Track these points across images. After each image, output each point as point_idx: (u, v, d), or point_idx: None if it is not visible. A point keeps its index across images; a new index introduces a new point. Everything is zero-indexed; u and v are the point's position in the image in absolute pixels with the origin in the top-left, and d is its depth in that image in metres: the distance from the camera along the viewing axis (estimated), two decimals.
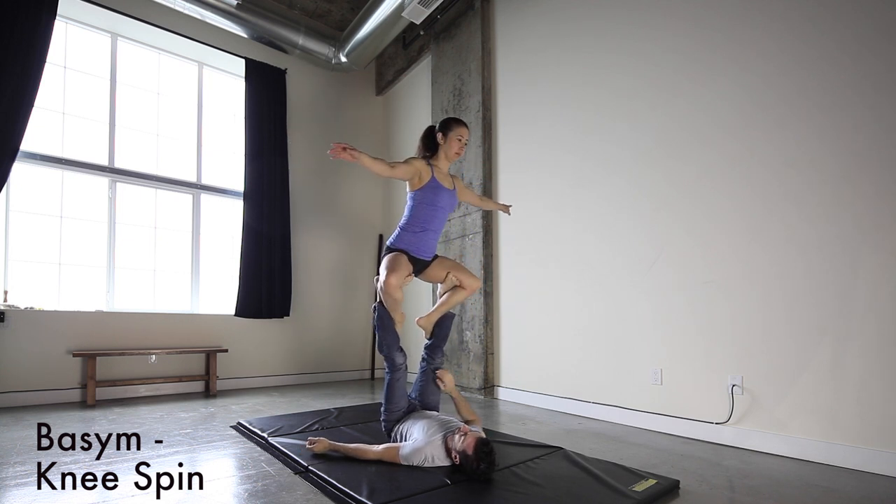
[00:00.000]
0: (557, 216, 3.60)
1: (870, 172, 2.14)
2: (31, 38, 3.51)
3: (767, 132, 2.47)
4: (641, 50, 3.09)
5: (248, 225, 4.58)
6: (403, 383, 2.32)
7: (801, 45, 2.37)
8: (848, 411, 2.16)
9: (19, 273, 3.74)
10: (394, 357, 2.30)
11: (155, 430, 2.76)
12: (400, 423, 2.26)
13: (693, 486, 1.91)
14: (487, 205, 2.83)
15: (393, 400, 2.27)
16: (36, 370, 3.57)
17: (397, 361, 2.30)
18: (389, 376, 2.30)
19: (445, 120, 2.49)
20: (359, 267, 5.50)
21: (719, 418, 2.58)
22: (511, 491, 1.77)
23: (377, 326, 2.35)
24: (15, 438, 2.54)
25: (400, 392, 2.29)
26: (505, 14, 4.18)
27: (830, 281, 2.23)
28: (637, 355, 3.01)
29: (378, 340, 2.35)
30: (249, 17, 4.41)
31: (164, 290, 4.39)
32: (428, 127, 2.58)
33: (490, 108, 4.24)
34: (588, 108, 3.43)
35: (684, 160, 2.83)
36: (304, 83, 5.20)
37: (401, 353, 2.34)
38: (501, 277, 4.06)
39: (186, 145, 4.61)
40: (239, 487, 1.85)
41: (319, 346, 5.10)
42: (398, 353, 2.32)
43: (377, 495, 1.68)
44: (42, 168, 3.84)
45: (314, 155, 5.22)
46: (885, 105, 2.11)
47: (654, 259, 2.95)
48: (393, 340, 2.33)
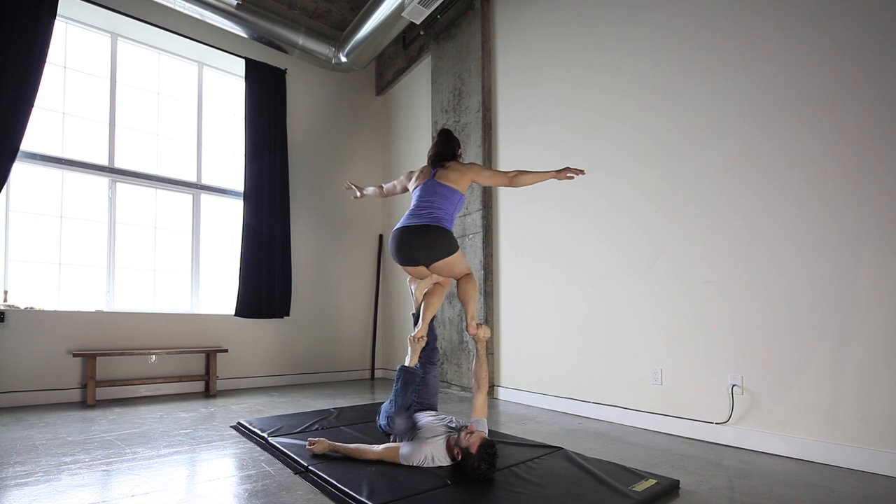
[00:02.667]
0: (557, 216, 3.60)
1: (870, 171, 2.14)
2: (31, 38, 3.51)
3: (768, 132, 2.47)
4: (641, 50, 3.09)
5: (248, 225, 4.58)
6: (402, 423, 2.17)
7: (801, 45, 2.37)
8: (848, 411, 2.16)
9: (19, 273, 3.74)
10: (395, 421, 2.11)
11: (155, 430, 2.76)
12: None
13: (693, 486, 1.91)
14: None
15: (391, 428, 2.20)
16: (36, 370, 3.57)
17: (396, 426, 2.11)
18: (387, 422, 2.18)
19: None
20: (359, 267, 5.50)
21: (719, 418, 2.58)
22: (511, 491, 1.77)
23: (398, 387, 2.18)
24: (15, 438, 2.54)
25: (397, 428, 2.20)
26: (505, 14, 4.18)
27: (831, 280, 2.23)
28: (637, 355, 3.01)
29: (393, 401, 2.16)
30: (249, 17, 4.41)
31: (164, 290, 4.39)
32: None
33: (490, 108, 4.24)
34: (588, 107, 3.43)
35: (684, 160, 2.83)
36: (304, 83, 5.20)
37: (404, 420, 2.11)
38: (501, 277, 4.06)
39: (186, 145, 4.61)
40: (239, 487, 1.85)
41: (319, 346, 5.10)
42: (403, 418, 2.11)
43: (377, 495, 1.68)
44: (42, 168, 3.84)
45: (314, 155, 5.22)
46: (886, 104, 2.11)
47: (655, 259, 2.95)
48: (405, 402, 2.14)
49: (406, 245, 2.29)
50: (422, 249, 2.27)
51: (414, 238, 2.27)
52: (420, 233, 2.27)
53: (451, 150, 2.52)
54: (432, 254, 2.27)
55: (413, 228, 2.28)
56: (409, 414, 2.16)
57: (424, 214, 2.31)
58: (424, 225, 2.27)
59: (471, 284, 2.41)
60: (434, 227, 2.27)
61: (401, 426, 2.11)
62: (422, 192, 2.40)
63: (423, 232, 2.26)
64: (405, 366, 2.25)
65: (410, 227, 2.29)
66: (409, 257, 2.31)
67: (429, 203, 2.34)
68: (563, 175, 2.44)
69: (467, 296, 2.40)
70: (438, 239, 2.26)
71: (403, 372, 2.22)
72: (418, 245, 2.27)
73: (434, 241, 2.26)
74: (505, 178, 2.43)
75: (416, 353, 2.30)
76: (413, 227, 2.29)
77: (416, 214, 2.33)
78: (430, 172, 2.47)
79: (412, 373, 2.23)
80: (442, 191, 2.36)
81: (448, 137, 2.55)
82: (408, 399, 2.16)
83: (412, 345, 2.31)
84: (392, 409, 2.14)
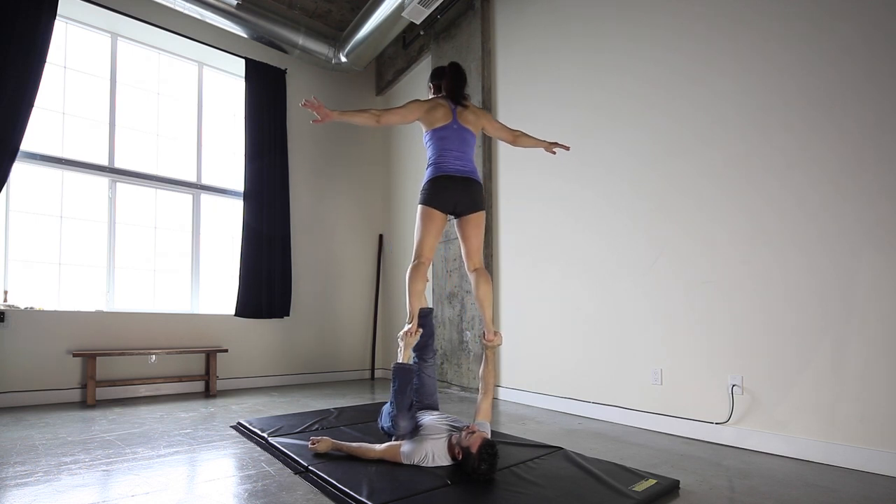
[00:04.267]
0: (557, 216, 3.60)
1: (871, 171, 2.14)
2: (31, 38, 3.51)
3: (768, 131, 2.47)
4: (641, 49, 3.09)
5: (248, 225, 4.58)
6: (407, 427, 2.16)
7: (801, 45, 2.37)
8: (848, 411, 2.16)
9: (19, 273, 3.74)
10: (398, 423, 2.10)
11: (155, 430, 2.76)
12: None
13: (693, 486, 1.91)
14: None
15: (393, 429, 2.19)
16: (36, 370, 3.57)
17: (400, 425, 2.09)
18: (390, 424, 2.18)
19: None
20: (359, 267, 5.50)
21: (719, 418, 2.58)
22: (511, 491, 1.77)
23: (395, 388, 2.15)
24: (15, 438, 2.54)
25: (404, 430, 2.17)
26: (505, 14, 4.18)
27: (831, 280, 2.23)
28: (637, 355, 3.01)
29: (394, 402, 2.15)
30: (249, 17, 4.41)
31: (164, 290, 4.39)
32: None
33: (490, 108, 4.24)
34: (588, 107, 3.43)
35: (684, 159, 2.83)
36: (304, 83, 5.20)
37: (407, 420, 2.10)
38: (501, 277, 4.06)
39: (186, 145, 4.61)
40: (239, 487, 1.85)
41: (319, 346, 5.10)
42: (405, 419, 2.10)
43: (377, 495, 1.68)
44: (42, 168, 3.84)
45: (314, 155, 5.22)
46: (886, 104, 2.11)
47: (654, 258, 2.95)
48: (404, 402, 2.11)
49: (451, 189, 2.36)
50: (465, 197, 2.38)
51: (458, 186, 2.37)
52: (464, 184, 2.38)
53: (464, 86, 2.51)
54: (474, 204, 2.41)
55: (458, 179, 2.37)
56: (412, 414, 2.14)
57: (463, 166, 2.40)
58: (468, 178, 2.40)
59: (489, 284, 2.42)
60: (476, 182, 2.42)
61: (405, 428, 2.09)
62: (453, 140, 2.40)
63: (466, 184, 2.39)
64: (398, 363, 2.19)
65: (456, 178, 2.37)
66: (450, 202, 2.38)
67: (463, 154, 2.42)
68: (551, 147, 2.70)
69: (487, 298, 2.40)
70: (480, 193, 2.43)
71: (398, 370, 2.16)
72: (463, 193, 2.37)
73: (476, 193, 2.41)
74: (510, 135, 2.63)
75: (408, 347, 2.24)
76: (459, 177, 2.37)
77: (459, 162, 2.39)
78: (452, 112, 2.42)
79: (407, 369, 2.18)
80: (469, 138, 2.44)
81: (461, 72, 2.50)
82: (408, 398, 2.13)
83: (403, 340, 2.24)
84: (394, 412, 2.12)
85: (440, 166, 2.37)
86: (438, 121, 2.40)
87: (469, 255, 2.47)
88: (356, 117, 2.28)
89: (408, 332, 2.26)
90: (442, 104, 2.43)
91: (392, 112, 2.34)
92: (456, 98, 2.45)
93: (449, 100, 2.46)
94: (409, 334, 2.25)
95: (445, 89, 2.47)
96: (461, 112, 2.43)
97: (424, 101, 2.44)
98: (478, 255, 2.46)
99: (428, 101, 2.46)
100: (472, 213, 2.41)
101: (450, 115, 2.41)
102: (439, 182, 2.35)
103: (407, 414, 2.11)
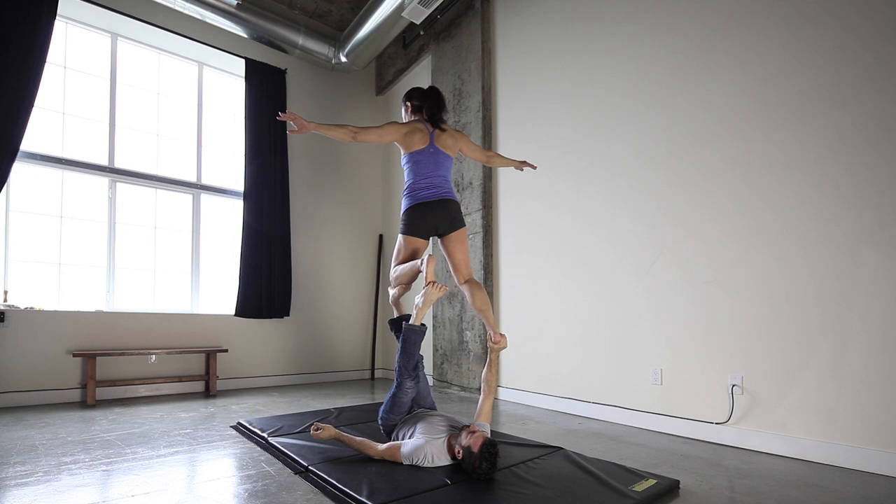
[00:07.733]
0: (558, 216, 3.60)
1: (871, 171, 2.14)
2: (31, 38, 3.51)
3: (768, 131, 2.47)
4: (642, 49, 3.09)
5: (248, 225, 4.58)
6: (407, 400, 2.26)
7: (801, 45, 2.37)
8: (848, 411, 2.16)
9: (19, 273, 3.74)
10: (403, 380, 2.23)
11: (155, 430, 2.76)
12: (401, 424, 2.26)
13: (693, 486, 1.91)
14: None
15: (393, 411, 2.25)
16: (36, 370, 3.57)
17: (405, 385, 2.23)
18: (394, 391, 2.25)
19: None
20: (359, 267, 5.50)
21: (719, 418, 2.58)
22: (511, 491, 1.77)
23: (403, 346, 2.26)
24: (15, 438, 2.54)
25: (401, 407, 2.25)
26: (505, 14, 4.18)
27: (831, 280, 2.23)
28: (637, 355, 3.01)
29: (398, 359, 2.27)
30: (249, 17, 4.41)
31: (164, 290, 4.39)
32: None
33: (490, 108, 4.24)
34: (588, 107, 3.43)
35: (685, 159, 2.83)
36: (304, 83, 5.20)
37: (411, 380, 2.24)
38: (501, 277, 4.06)
39: (186, 145, 4.61)
40: (239, 487, 1.85)
41: (319, 346, 5.10)
42: (410, 379, 2.23)
43: (377, 495, 1.68)
44: (42, 168, 3.84)
45: (314, 155, 5.22)
46: (886, 104, 2.11)
47: (655, 258, 2.95)
48: (409, 364, 2.24)
49: (428, 215, 2.40)
50: (443, 219, 2.42)
51: (435, 210, 2.40)
52: (440, 206, 2.41)
53: (443, 111, 2.55)
54: (453, 223, 2.44)
55: (433, 204, 2.41)
56: (417, 374, 2.25)
57: (438, 188, 2.43)
58: (444, 199, 2.42)
59: (483, 291, 2.45)
60: (452, 201, 2.45)
61: (412, 389, 2.21)
62: (428, 164, 2.43)
63: (442, 205, 2.42)
64: (412, 324, 2.25)
65: (431, 203, 2.40)
66: (431, 226, 2.43)
67: (438, 176, 2.44)
68: (521, 166, 2.82)
69: (486, 305, 2.42)
70: (457, 210, 2.47)
71: (412, 332, 2.24)
72: (440, 215, 2.41)
73: (454, 212, 2.44)
74: (484, 155, 2.74)
75: (429, 304, 2.26)
76: (434, 202, 2.40)
77: (431, 188, 2.42)
78: (429, 136, 2.45)
79: (420, 331, 2.26)
80: (445, 162, 2.47)
81: (440, 96, 2.55)
82: (415, 359, 2.25)
83: (425, 296, 2.24)
84: (397, 369, 2.24)
85: (414, 195, 2.42)
86: (415, 144, 2.43)
87: (457, 269, 2.49)
88: (333, 131, 2.27)
89: (431, 283, 2.25)
90: (420, 128, 2.46)
91: (369, 131, 2.36)
92: (434, 122, 2.49)
93: (427, 122, 2.49)
94: (434, 286, 2.24)
95: (426, 113, 2.51)
96: (438, 136, 2.46)
97: (402, 125, 2.47)
98: (466, 268, 2.49)
99: (406, 124, 2.49)
100: (453, 232, 2.45)
101: (426, 139, 2.44)
102: (416, 210, 2.40)
103: (413, 374, 2.24)
